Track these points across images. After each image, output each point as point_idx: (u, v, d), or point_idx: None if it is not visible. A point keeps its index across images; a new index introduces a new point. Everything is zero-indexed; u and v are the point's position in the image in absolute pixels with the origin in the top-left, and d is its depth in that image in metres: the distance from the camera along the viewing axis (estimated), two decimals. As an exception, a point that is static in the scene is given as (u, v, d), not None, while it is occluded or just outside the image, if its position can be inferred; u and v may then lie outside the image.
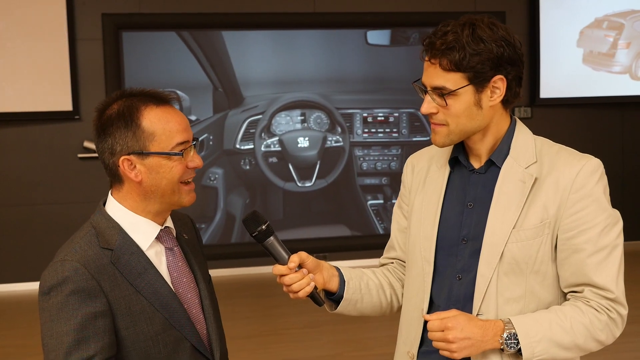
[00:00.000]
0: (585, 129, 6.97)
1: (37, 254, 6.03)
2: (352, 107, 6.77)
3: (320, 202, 6.78)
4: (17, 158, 6.04)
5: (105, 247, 1.59)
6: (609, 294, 1.61)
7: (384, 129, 6.81)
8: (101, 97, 5.98)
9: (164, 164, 1.61)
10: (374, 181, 6.84)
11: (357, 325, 4.93)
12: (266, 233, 1.70)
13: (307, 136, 6.73)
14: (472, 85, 1.59)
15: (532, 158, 1.65)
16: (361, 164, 6.82)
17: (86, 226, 1.65)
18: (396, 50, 6.71)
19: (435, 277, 1.71)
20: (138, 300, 1.59)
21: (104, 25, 6.03)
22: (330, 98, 6.74)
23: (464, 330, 1.55)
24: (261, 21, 6.31)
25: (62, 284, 1.52)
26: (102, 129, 1.62)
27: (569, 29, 6.79)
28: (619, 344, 1.94)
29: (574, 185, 1.61)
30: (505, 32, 1.60)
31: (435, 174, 1.77)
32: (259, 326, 5.01)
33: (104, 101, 1.66)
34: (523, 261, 1.62)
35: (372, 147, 6.80)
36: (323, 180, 6.77)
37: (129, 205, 1.65)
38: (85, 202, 6.01)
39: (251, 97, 6.55)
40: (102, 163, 1.65)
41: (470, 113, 1.61)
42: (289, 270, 1.68)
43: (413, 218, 1.78)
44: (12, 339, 4.91)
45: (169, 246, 1.70)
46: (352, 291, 1.79)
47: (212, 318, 1.74)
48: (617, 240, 1.64)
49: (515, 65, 1.62)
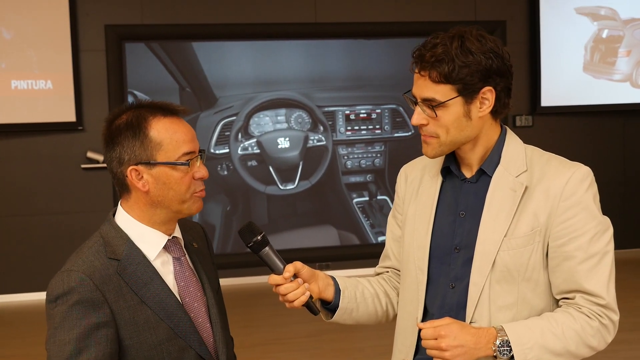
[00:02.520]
0: (586, 136, 6.98)
1: (40, 264, 6.05)
2: (334, 104, 6.67)
3: (305, 204, 6.66)
4: (20, 168, 6.07)
5: (111, 258, 1.62)
6: (600, 300, 1.61)
7: (367, 126, 6.73)
8: (104, 108, 6.03)
9: (170, 174, 1.63)
10: (358, 179, 6.77)
11: (358, 334, 4.94)
12: (261, 244, 1.73)
13: (288, 136, 6.54)
14: (461, 97, 1.61)
15: (523, 167, 1.67)
16: (345, 162, 6.73)
17: (95, 236, 1.68)
18: (376, 44, 6.61)
19: (429, 285, 1.74)
20: (142, 310, 1.61)
21: (107, 36, 6.07)
22: (310, 96, 6.59)
23: (456, 338, 1.56)
24: (260, 31, 6.33)
25: (67, 294, 1.56)
26: (110, 138, 1.64)
27: (569, 37, 6.82)
28: (618, 350, 1.96)
29: (564, 193, 1.62)
30: (493, 44, 1.62)
31: (428, 184, 1.79)
32: (261, 334, 5.02)
33: (113, 112, 1.69)
34: (515, 269, 1.63)
35: (356, 144, 6.72)
36: (307, 182, 6.65)
37: (136, 215, 1.67)
38: (88, 212, 6.04)
39: (225, 97, 6.38)
40: (111, 173, 1.68)
41: (459, 124, 1.64)
42: (284, 280, 1.70)
43: (407, 228, 1.80)
44: (16, 349, 4.93)
45: (176, 256, 1.71)
46: (347, 300, 1.81)
47: (219, 326, 1.76)
48: (608, 247, 1.64)
49: (504, 77, 1.64)
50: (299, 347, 4.81)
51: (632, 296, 5.54)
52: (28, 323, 5.48)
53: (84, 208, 6.09)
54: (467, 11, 6.67)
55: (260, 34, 6.34)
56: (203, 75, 6.36)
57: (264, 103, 6.47)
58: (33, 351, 4.78)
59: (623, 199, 7.02)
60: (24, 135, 6.03)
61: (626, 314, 1.71)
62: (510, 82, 1.67)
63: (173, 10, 6.19)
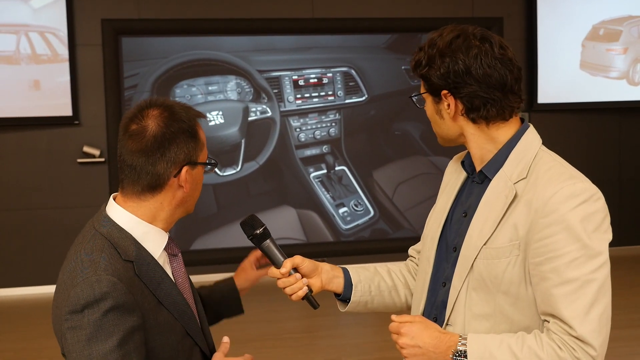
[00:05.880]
0: (582, 134, 7.00)
1: (36, 258, 6.05)
2: (278, 69, 5.94)
3: (258, 186, 6.09)
4: (16, 163, 6.06)
5: (126, 260, 1.55)
6: (571, 330, 1.48)
7: (319, 93, 6.13)
8: (101, 103, 6.03)
9: (201, 174, 1.67)
10: (314, 152, 6.23)
11: (354, 330, 4.95)
12: (262, 237, 1.76)
13: (220, 109, 5.72)
14: (429, 94, 1.66)
15: (524, 173, 1.60)
16: (298, 135, 6.12)
17: (97, 238, 1.58)
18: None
19: (431, 279, 1.75)
20: (161, 311, 1.59)
21: (104, 30, 6.06)
22: (249, 59, 5.85)
23: (414, 338, 1.56)
24: (258, 27, 6.32)
25: (100, 301, 1.47)
26: (164, 137, 1.58)
27: (566, 34, 6.82)
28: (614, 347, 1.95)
29: (545, 209, 1.51)
30: (470, 49, 1.57)
31: (455, 178, 1.80)
32: (258, 330, 5.02)
33: (140, 111, 1.62)
34: (489, 279, 1.58)
35: (309, 114, 6.13)
36: (253, 162, 6.05)
37: (141, 213, 1.61)
38: (84, 207, 6.03)
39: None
40: (145, 173, 1.58)
41: (435, 120, 1.69)
42: (282, 275, 1.74)
43: (431, 218, 1.83)
44: (11, 343, 4.92)
45: (173, 253, 1.70)
46: (360, 294, 1.84)
47: (204, 320, 1.78)
48: (593, 275, 1.48)
49: (468, 84, 1.58)
50: (294, 343, 4.81)
51: (628, 293, 5.56)
52: (23, 317, 5.47)
53: (80, 202, 6.08)
54: (464, 8, 6.68)
55: (256, 29, 6.31)
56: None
57: (182, 65, 5.64)
58: (29, 345, 4.78)
59: (619, 196, 7.04)
60: (20, 129, 6.02)
61: (622, 311, 1.68)
62: (482, 90, 1.58)
63: (169, 4, 6.18)
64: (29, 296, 5.96)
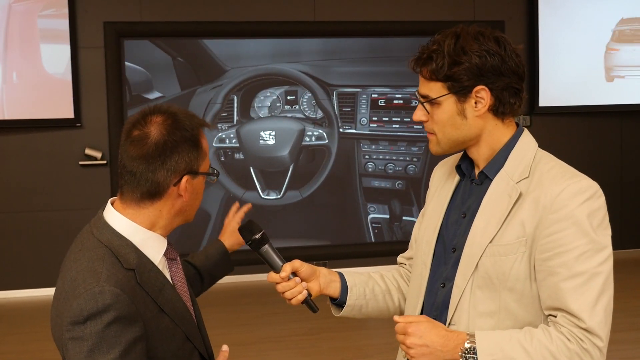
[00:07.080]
0: (584, 137, 7.00)
1: (38, 260, 6.05)
2: (350, 83, 5.08)
3: (297, 216, 5.19)
4: (18, 165, 6.06)
5: (127, 268, 1.54)
6: (580, 322, 1.52)
7: (402, 117, 4.98)
8: (103, 105, 6.04)
9: (202, 184, 1.66)
10: (383, 184, 5.10)
11: (356, 332, 4.95)
12: (260, 242, 1.76)
13: (274, 129, 4.98)
14: (453, 95, 1.62)
15: (525, 172, 1.63)
16: (366, 163, 5.09)
17: (97, 247, 1.57)
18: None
19: (428, 282, 1.75)
20: (162, 318, 1.58)
21: (106, 33, 6.07)
22: (327, 70, 5.04)
23: (422, 337, 1.56)
24: (261, 29, 6.33)
25: (103, 312, 1.46)
26: (166, 146, 1.57)
27: (567, 37, 6.82)
28: (615, 350, 1.96)
29: (554, 205, 1.55)
30: (494, 44, 1.60)
31: (448, 182, 1.81)
32: (258, 333, 5.02)
33: (144, 118, 1.60)
34: (495, 277, 1.60)
35: (380, 141, 5.07)
36: (297, 193, 5.21)
37: (140, 220, 1.60)
38: (86, 209, 6.03)
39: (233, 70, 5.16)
40: (145, 180, 1.57)
41: (454, 122, 1.64)
42: (281, 279, 1.75)
43: (424, 222, 1.83)
44: (13, 345, 4.93)
45: (172, 257, 1.70)
46: (355, 297, 1.85)
47: (201, 321, 1.77)
48: (600, 268, 1.53)
49: (503, 76, 1.60)
50: (296, 345, 4.81)
51: (629, 296, 5.55)
52: (25, 319, 5.47)
53: (82, 205, 6.09)
54: (465, 11, 6.68)
55: (258, 32, 6.32)
56: (203, 47, 5.74)
57: (255, 78, 5.20)
58: (30, 348, 4.79)
59: (620, 199, 7.04)
60: (23, 131, 6.02)
61: (623, 314, 1.68)
62: (515, 82, 1.63)
63: (171, 7, 6.19)
64: (31, 299, 5.96)
